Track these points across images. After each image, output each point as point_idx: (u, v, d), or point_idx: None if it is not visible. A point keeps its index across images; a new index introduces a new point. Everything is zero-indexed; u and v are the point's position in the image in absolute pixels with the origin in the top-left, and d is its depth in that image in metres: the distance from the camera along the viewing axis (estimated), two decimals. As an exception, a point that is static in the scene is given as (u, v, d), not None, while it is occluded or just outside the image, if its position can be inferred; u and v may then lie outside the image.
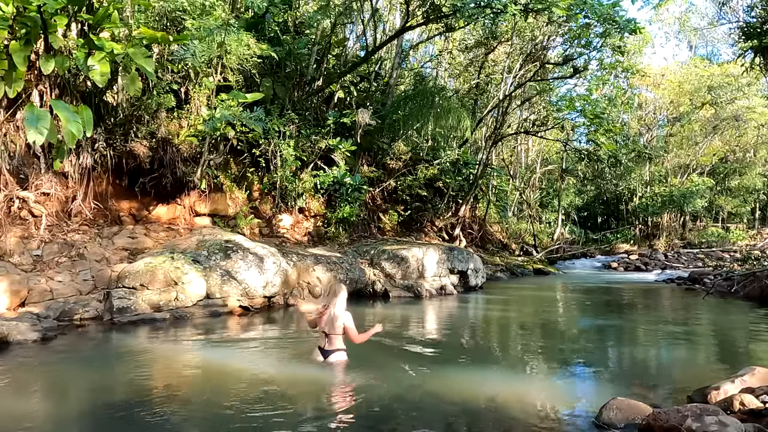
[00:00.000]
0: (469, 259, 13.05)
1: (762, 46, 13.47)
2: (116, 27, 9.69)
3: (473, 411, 4.39)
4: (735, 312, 10.30)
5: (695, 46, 38.40)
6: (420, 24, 14.57)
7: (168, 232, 10.90)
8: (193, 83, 11.79)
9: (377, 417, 4.20)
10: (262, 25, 13.53)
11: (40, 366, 5.63)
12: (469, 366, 5.93)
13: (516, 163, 29.90)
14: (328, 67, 15.64)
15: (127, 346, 6.50)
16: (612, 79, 21.54)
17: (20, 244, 8.74)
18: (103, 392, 4.79)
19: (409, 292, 11.49)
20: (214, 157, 11.84)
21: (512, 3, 11.91)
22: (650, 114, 31.46)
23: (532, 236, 24.48)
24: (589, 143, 22.60)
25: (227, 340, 7.15)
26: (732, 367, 5.54)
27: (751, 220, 34.05)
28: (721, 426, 3.34)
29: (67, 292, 8.20)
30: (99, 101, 10.25)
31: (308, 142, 13.78)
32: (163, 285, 8.16)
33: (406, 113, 15.29)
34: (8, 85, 8.39)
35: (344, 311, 5.42)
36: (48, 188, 9.51)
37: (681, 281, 15.80)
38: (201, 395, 4.74)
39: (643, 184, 30.27)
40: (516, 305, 11.40)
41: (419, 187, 17.16)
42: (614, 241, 29.52)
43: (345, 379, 5.28)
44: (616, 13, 13.46)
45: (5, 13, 8.19)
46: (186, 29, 11.26)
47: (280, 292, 9.54)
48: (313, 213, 14.12)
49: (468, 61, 22.07)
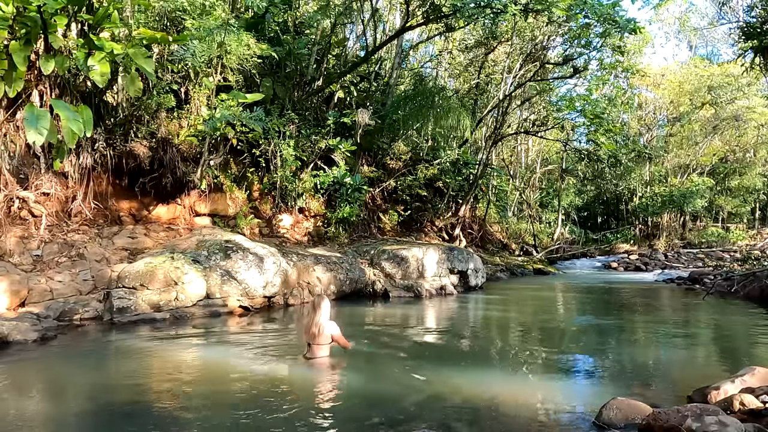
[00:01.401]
0: (469, 259, 13.05)
1: (762, 46, 13.47)
2: (116, 27, 9.69)
3: (473, 411, 4.39)
4: (735, 312, 10.29)
5: (695, 46, 38.44)
6: (420, 24, 14.57)
7: (168, 232, 10.90)
8: (193, 83, 11.79)
9: (377, 417, 4.20)
10: (262, 25, 13.53)
11: (40, 366, 5.64)
12: (469, 366, 5.93)
13: (516, 163, 29.90)
14: (328, 67, 15.64)
15: (127, 346, 6.50)
16: (612, 79, 21.55)
17: (20, 244, 8.75)
18: (103, 392, 4.79)
19: (409, 292, 11.49)
20: (214, 157, 11.84)
21: (512, 3, 11.90)
22: (650, 114, 31.46)
23: (532, 236, 24.48)
24: (589, 143, 22.61)
25: (227, 340, 7.15)
26: (732, 367, 5.54)
27: (751, 220, 34.06)
28: (721, 426, 3.34)
29: (67, 292, 8.20)
30: (99, 101, 10.24)
31: (308, 142, 13.78)
32: (163, 285, 8.16)
33: (406, 113, 15.29)
34: (8, 85, 8.39)
35: (329, 322, 5.57)
36: (48, 188, 9.51)
37: (681, 281, 15.79)
38: (201, 395, 4.74)
39: (643, 184, 30.27)
40: (516, 305, 11.40)
41: (419, 187, 17.16)
42: (614, 241, 29.51)
43: (345, 379, 5.28)
44: (616, 13, 13.45)
45: (5, 13, 8.19)
46: (186, 29, 11.25)
47: (280, 292, 9.54)
48: (313, 213, 14.12)
49: (468, 61, 22.06)
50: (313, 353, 5.55)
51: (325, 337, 5.52)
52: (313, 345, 5.55)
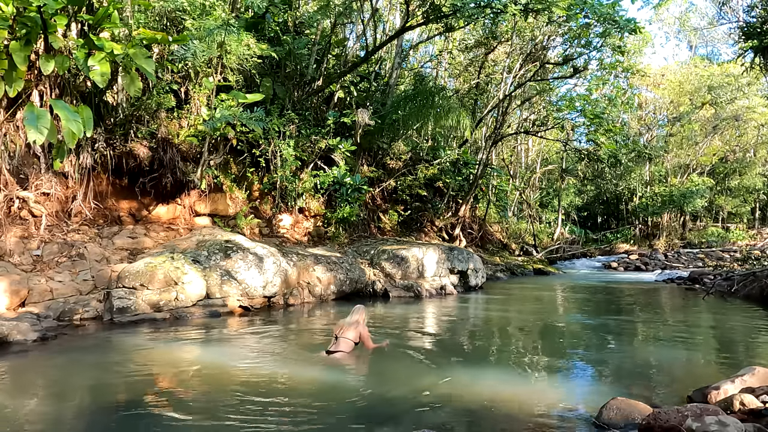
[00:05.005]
0: (469, 259, 13.05)
1: (762, 46, 13.47)
2: (116, 27, 9.69)
3: (473, 410, 4.39)
4: (735, 312, 10.29)
5: (695, 46, 38.43)
6: (420, 24, 14.56)
7: (168, 232, 10.90)
8: (193, 83, 11.78)
9: (377, 416, 4.20)
10: (262, 25, 13.53)
11: (40, 366, 5.64)
12: (469, 366, 5.92)
13: (516, 163, 29.90)
14: (328, 67, 15.64)
15: (127, 345, 6.50)
16: (612, 79, 21.54)
17: (20, 244, 8.75)
18: (103, 392, 4.80)
19: (409, 292, 11.48)
20: (214, 157, 11.84)
21: (512, 3, 11.91)
22: (650, 114, 31.48)
23: (532, 236, 24.48)
24: (589, 143, 22.60)
25: (227, 340, 7.14)
26: (732, 367, 5.54)
27: (751, 220, 34.07)
28: (721, 426, 3.34)
29: (67, 292, 8.20)
30: (99, 101, 10.25)
31: (308, 142, 13.78)
32: (163, 285, 8.16)
33: (406, 113, 15.28)
34: (8, 85, 8.39)
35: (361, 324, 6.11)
36: (48, 188, 9.51)
37: (681, 281, 15.79)
38: (201, 395, 4.74)
39: (643, 184, 30.27)
40: (516, 305, 11.40)
41: (419, 187, 17.16)
42: (614, 240, 29.52)
43: (345, 379, 5.29)
44: (616, 13, 13.44)
45: (5, 13, 8.19)
46: (186, 29, 11.26)
47: (279, 292, 9.54)
48: (313, 213, 14.11)
49: (468, 61, 22.07)
50: (337, 346, 5.88)
51: (352, 334, 5.94)
52: (340, 338, 5.92)
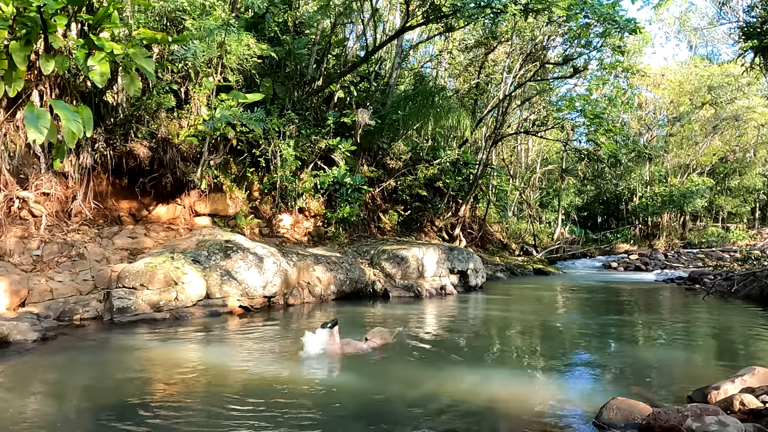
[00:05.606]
0: (469, 258, 13.05)
1: (762, 46, 13.47)
2: (116, 27, 9.69)
3: (473, 411, 4.39)
4: (735, 312, 10.29)
5: (695, 46, 38.44)
6: (420, 24, 14.56)
7: (168, 232, 10.90)
8: (193, 83, 11.78)
9: (377, 416, 4.20)
10: (262, 25, 13.52)
11: (40, 366, 5.63)
12: (469, 365, 5.92)
13: (516, 163, 29.90)
14: (328, 67, 15.63)
15: (127, 345, 6.50)
16: (612, 79, 21.54)
17: (20, 244, 8.75)
18: (103, 392, 4.80)
19: (409, 292, 11.48)
20: (214, 157, 11.84)
21: (512, 3, 11.91)
22: (650, 114, 31.48)
23: (532, 236, 24.48)
24: (589, 143, 22.60)
25: (227, 340, 7.15)
26: (732, 367, 5.54)
27: (751, 220, 34.06)
28: (721, 426, 3.34)
29: (67, 292, 8.20)
30: (99, 101, 10.25)
31: (308, 142, 13.78)
32: (163, 285, 8.16)
33: (406, 113, 15.28)
34: (8, 85, 8.39)
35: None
36: (48, 188, 9.51)
37: (681, 281, 15.79)
38: (200, 395, 4.74)
39: (643, 184, 30.27)
40: (516, 305, 11.40)
41: (419, 187, 17.15)
42: (614, 240, 29.51)
43: (345, 378, 5.29)
44: (616, 13, 13.45)
45: (5, 13, 8.19)
46: (186, 29, 11.25)
47: (280, 292, 9.54)
48: (313, 213, 14.11)
49: (468, 61, 22.06)
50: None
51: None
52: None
